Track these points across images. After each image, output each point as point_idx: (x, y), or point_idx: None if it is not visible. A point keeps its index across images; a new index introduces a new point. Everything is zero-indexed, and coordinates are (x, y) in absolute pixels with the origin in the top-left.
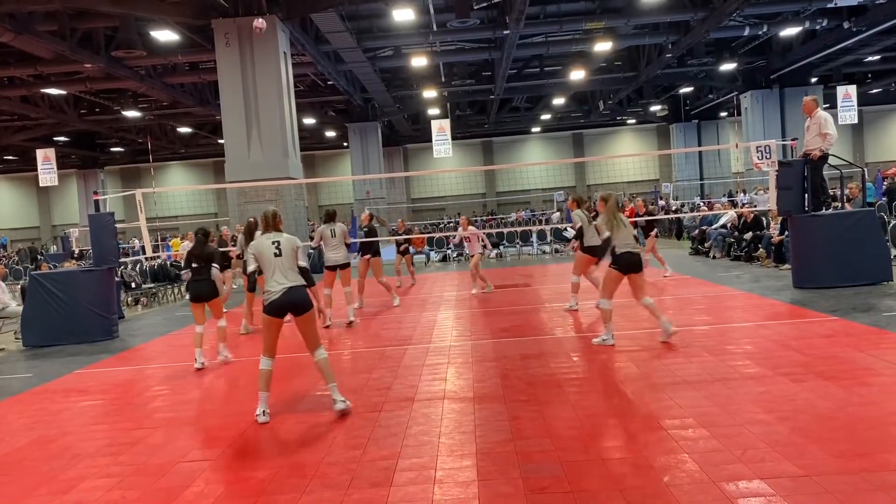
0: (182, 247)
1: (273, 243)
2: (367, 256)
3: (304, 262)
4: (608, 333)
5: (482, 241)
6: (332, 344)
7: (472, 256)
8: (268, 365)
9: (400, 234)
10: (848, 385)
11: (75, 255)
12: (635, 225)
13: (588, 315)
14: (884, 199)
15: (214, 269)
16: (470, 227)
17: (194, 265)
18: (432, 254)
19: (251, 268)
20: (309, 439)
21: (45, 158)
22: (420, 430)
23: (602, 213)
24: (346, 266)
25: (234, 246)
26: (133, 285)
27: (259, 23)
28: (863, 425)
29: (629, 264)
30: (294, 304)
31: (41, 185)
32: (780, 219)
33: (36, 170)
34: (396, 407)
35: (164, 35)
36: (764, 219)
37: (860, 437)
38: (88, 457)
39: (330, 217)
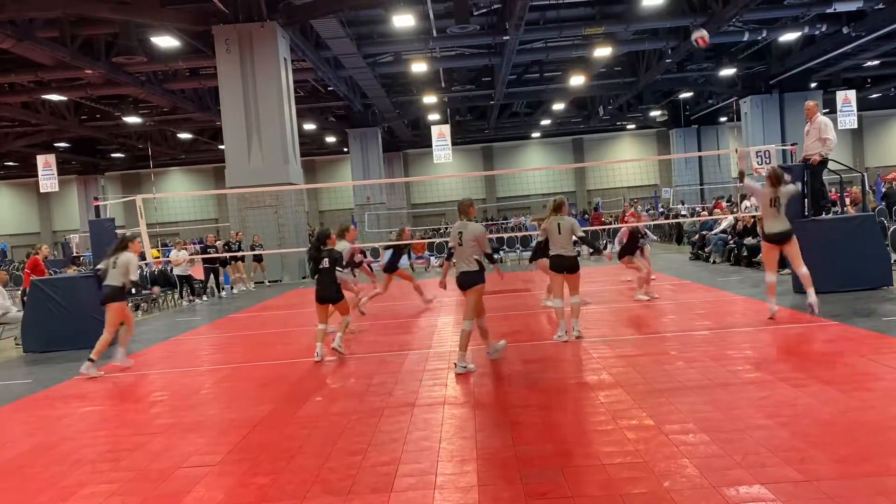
0: (173, 255)
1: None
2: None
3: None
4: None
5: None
6: (334, 350)
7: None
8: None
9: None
10: (848, 390)
11: (73, 261)
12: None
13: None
14: (882, 203)
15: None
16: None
17: None
18: (432, 259)
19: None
20: (309, 445)
21: (46, 164)
22: (420, 436)
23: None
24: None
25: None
26: (133, 291)
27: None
28: (863, 430)
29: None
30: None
31: (42, 190)
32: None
33: (36, 176)
34: (397, 412)
35: (165, 41)
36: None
37: (861, 442)
38: (89, 463)
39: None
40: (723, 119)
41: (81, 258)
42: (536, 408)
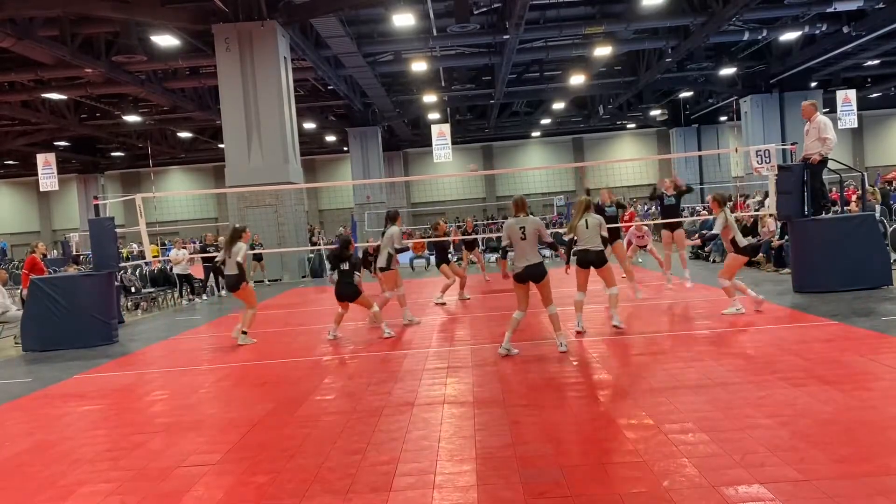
0: (173, 254)
1: (520, 228)
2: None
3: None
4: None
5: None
6: (334, 349)
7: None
8: (519, 315)
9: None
10: (848, 389)
11: (74, 260)
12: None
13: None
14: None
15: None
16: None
17: None
18: (433, 258)
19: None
20: (309, 444)
21: (46, 163)
22: (420, 435)
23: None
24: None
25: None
26: (133, 290)
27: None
28: (863, 430)
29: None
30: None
31: (41, 189)
32: (771, 222)
33: (36, 174)
34: (396, 411)
35: (165, 40)
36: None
37: (861, 442)
38: (88, 462)
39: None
40: (723, 118)
41: (81, 257)
42: (535, 407)
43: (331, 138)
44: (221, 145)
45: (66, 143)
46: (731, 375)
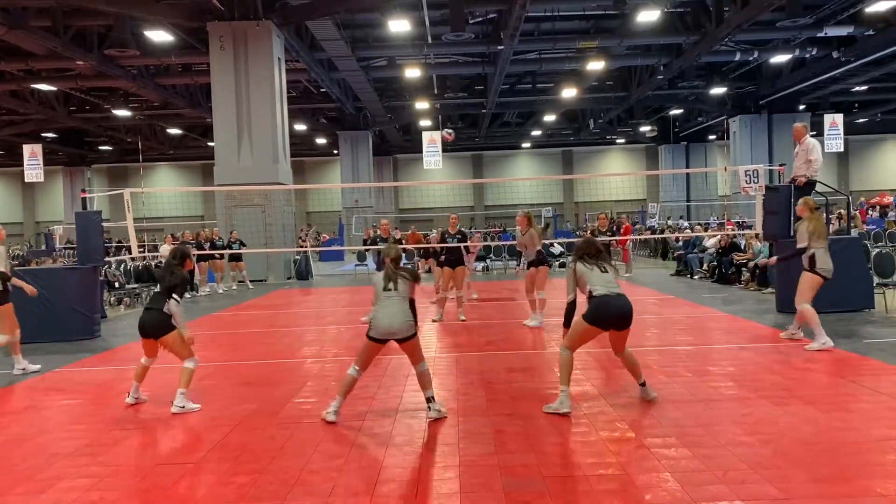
0: (162, 250)
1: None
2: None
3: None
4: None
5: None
6: (318, 352)
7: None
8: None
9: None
10: (829, 410)
11: (55, 251)
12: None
13: None
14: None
15: (174, 300)
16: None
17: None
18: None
19: None
20: (291, 446)
21: (32, 154)
22: (403, 441)
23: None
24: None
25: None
26: (116, 285)
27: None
28: (843, 451)
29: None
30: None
31: (27, 180)
32: (757, 243)
33: (22, 165)
34: (380, 416)
35: (158, 35)
36: (742, 242)
37: (840, 463)
38: (67, 456)
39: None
40: (712, 137)
41: (58, 250)
42: (520, 417)
43: (321, 141)
44: (211, 143)
45: (54, 135)
46: (713, 392)
